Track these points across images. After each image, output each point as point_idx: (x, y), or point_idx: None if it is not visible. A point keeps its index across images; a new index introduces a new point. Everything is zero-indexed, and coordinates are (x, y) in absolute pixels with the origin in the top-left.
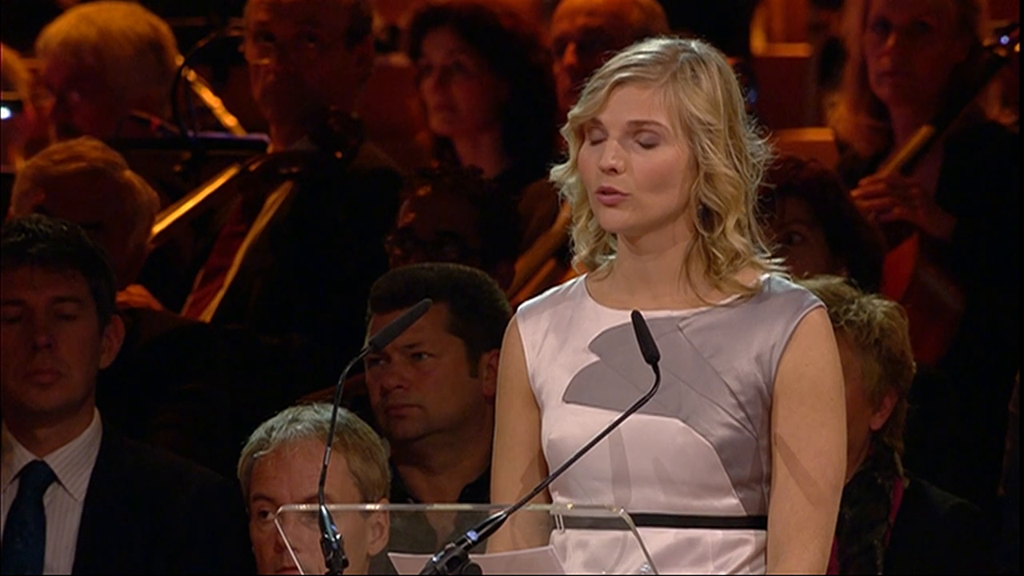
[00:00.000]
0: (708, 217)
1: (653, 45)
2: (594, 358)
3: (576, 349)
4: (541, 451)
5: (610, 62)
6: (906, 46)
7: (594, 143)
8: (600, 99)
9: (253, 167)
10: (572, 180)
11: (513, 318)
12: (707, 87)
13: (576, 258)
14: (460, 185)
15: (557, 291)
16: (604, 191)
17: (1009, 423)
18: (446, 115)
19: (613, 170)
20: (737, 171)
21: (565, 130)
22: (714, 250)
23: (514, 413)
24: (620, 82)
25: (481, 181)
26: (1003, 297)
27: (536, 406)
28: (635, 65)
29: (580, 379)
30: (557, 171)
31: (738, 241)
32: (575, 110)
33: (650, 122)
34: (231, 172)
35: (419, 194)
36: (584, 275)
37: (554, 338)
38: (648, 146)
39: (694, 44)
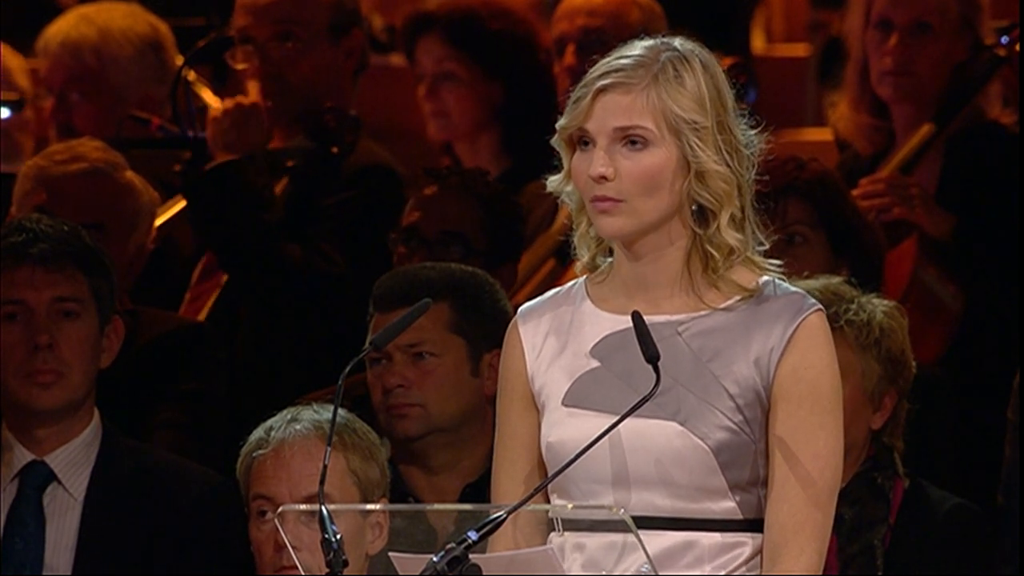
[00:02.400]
0: (703, 215)
1: (635, 48)
2: (594, 363)
3: (576, 353)
4: (542, 453)
5: (592, 69)
6: (908, 45)
7: (584, 152)
8: (584, 108)
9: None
10: (569, 188)
11: (513, 320)
12: (691, 85)
13: (578, 265)
14: (466, 186)
15: (558, 292)
16: (598, 199)
17: (1008, 430)
18: (440, 122)
19: (603, 178)
20: (728, 166)
21: (555, 141)
22: (709, 247)
23: (515, 415)
24: (602, 89)
25: (488, 182)
26: (1003, 297)
27: (536, 408)
28: (616, 71)
29: (579, 383)
30: (552, 182)
31: (732, 236)
32: (561, 121)
33: (635, 127)
34: None
35: (425, 193)
36: (585, 276)
37: (554, 341)
38: (636, 151)
39: (677, 42)
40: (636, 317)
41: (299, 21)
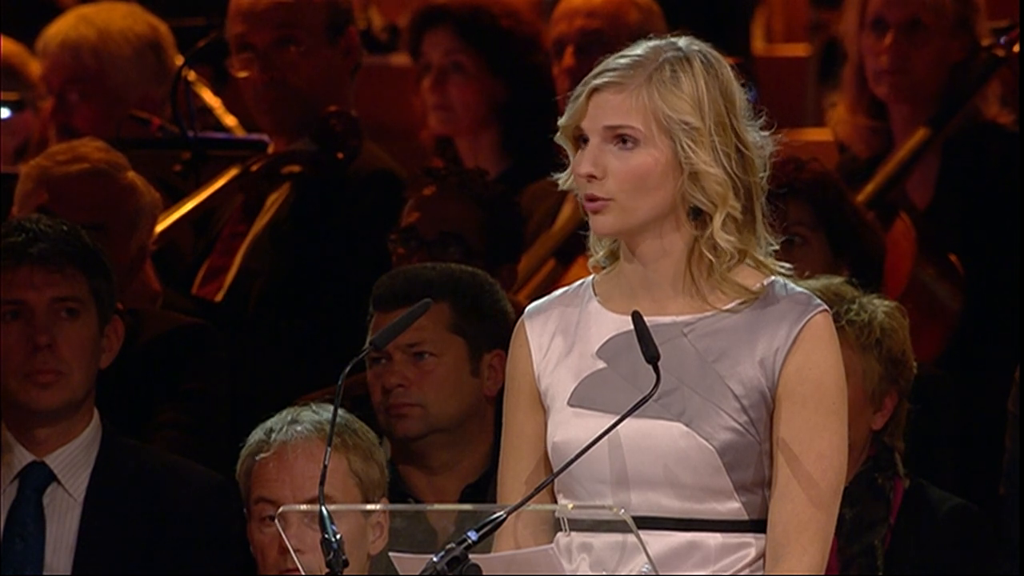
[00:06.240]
0: (701, 217)
1: (638, 48)
2: (600, 363)
3: (582, 353)
4: (547, 452)
5: (595, 69)
6: (903, 44)
7: (581, 150)
8: (580, 106)
9: (255, 167)
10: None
11: (521, 319)
12: (687, 87)
13: (592, 260)
14: (465, 186)
15: (565, 292)
16: (588, 198)
17: (1008, 422)
18: (443, 115)
19: (592, 176)
20: (724, 168)
21: (558, 138)
22: (705, 250)
23: (521, 414)
24: (597, 88)
25: (487, 183)
26: (1002, 297)
27: (543, 407)
28: (611, 70)
29: (585, 384)
30: (560, 179)
31: (723, 239)
32: (562, 120)
33: (624, 126)
34: (233, 173)
35: (424, 194)
36: (593, 276)
37: (561, 341)
38: (625, 150)
39: (682, 42)
40: (636, 317)
41: (299, 24)
